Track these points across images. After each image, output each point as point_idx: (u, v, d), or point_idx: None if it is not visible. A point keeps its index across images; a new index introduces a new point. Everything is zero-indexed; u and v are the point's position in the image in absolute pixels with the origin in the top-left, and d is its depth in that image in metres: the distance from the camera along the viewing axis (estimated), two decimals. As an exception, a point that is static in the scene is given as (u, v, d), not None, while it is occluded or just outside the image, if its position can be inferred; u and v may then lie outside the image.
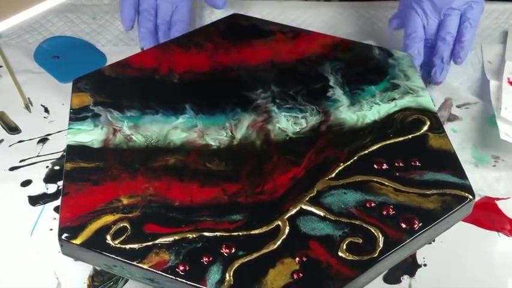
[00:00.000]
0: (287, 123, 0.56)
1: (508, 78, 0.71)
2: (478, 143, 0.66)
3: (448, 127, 0.68)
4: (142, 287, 0.49)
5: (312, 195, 0.50)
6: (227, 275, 0.45)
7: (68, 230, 0.47)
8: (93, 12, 0.83)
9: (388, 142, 0.54)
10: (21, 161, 0.65)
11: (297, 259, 0.46)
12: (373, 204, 0.49)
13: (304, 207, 0.49)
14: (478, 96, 0.71)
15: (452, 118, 0.69)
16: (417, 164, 0.52)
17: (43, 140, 0.67)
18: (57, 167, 0.64)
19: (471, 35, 0.69)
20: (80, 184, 0.50)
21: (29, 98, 0.71)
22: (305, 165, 0.52)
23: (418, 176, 0.51)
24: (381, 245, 0.46)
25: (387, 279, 0.55)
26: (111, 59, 0.75)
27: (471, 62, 0.76)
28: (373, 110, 0.57)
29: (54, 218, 0.59)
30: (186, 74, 0.61)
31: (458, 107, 0.71)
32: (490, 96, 0.69)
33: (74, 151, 0.53)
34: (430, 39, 0.70)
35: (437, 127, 0.55)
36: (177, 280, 0.45)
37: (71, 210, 0.48)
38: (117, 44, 0.79)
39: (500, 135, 0.63)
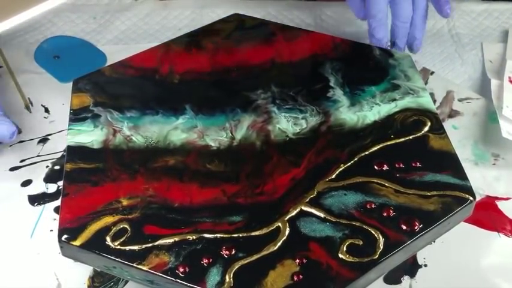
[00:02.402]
0: (287, 124, 0.55)
1: (509, 77, 0.71)
2: (479, 140, 0.66)
3: (449, 123, 0.68)
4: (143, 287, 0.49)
5: (312, 196, 0.49)
6: (227, 277, 0.45)
7: (68, 231, 0.47)
8: (93, 12, 0.83)
9: (388, 143, 0.53)
10: (21, 161, 0.65)
11: (297, 261, 0.45)
12: (373, 206, 0.49)
13: (304, 208, 0.49)
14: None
15: (453, 114, 0.69)
16: (418, 165, 0.51)
17: (43, 140, 0.67)
18: (57, 167, 0.64)
19: None
20: (80, 185, 0.50)
21: (29, 98, 0.71)
22: (305, 166, 0.52)
23: (418, 177, 0.51)
24: (381, 247, 0.46)
25: (388, 279, 0.55)
26: (111, 59, 0.74)
27: (472, 61, 0.76)
28: (373, 110, 0.56)
29: (55, 219, 0.59)
30: (186, 74, 0.61)
31: (460, 100, 0.70)
32: (491, 95, 0.69)
33: (74, 152, 0.53)
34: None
35: (438, 128, 0.55)
36: (177, 282, 0.44)
37: (70, 212, 0.48)
38: (118, 44, 0.79)
39: (502, 134, 0.63)
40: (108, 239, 0.47)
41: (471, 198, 0.49)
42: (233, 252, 0.46)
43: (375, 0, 0.68)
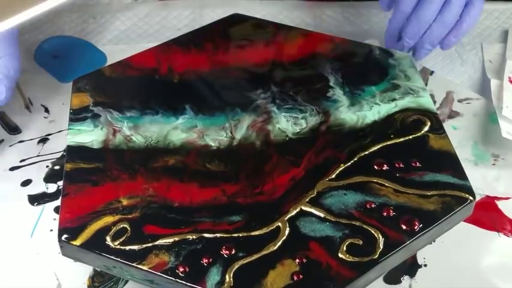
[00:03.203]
0: (287, 124, 0.55)
1: (509, 77, 0.71)
2: (479, 140, 0.66)
3: (448, 124, 0.68)
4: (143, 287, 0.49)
5: (312, 196, 0.49)
6: (227, 277, 0.45)
7: (68, 231, 0.47)
8: (93, 12, 0.83)
9: (388, 143, 0.53)
10: (21, 161, 0.65)
11: (297, 260, 0.45)
12: (373, 205, 0.49)
13: (304, 208, 0.49)
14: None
15: (453, 115, 0.69)
16: (417, 164, 0.51)
17: (43, 140, 0.67)
18: (57, 167, 0.64)
19: (474, 19, 0.67)
20: (80, 185, 0.50)
21: (29, 98, 0.71)
22: (305, 166, 0.52)
23: (418, 177, 0.51)
24: (381, 247, 0.46)
25: (387, 279, 0.55)
26: (111, 59, 0.74)
27: (472, 61, 0.76)
28: (373, 110, 0.56)
29: (54, 219, 0.59)
30: (186, 74, 0.61)
31: (459, 101, 0.70)
32: (491, 95, 0.69)
33: (74, 152, 0.53)
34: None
35: (437, 128, 0.55)
36: (177, 281, 0.44)
37: (70, 211, 0.48)
38: (118, 44, 0.79)
39: (501, 134, 0.63)
40: (108, 238, 0.47)
41: (471, 198, 0.49)
42: (233, 252, 0.46)
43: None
